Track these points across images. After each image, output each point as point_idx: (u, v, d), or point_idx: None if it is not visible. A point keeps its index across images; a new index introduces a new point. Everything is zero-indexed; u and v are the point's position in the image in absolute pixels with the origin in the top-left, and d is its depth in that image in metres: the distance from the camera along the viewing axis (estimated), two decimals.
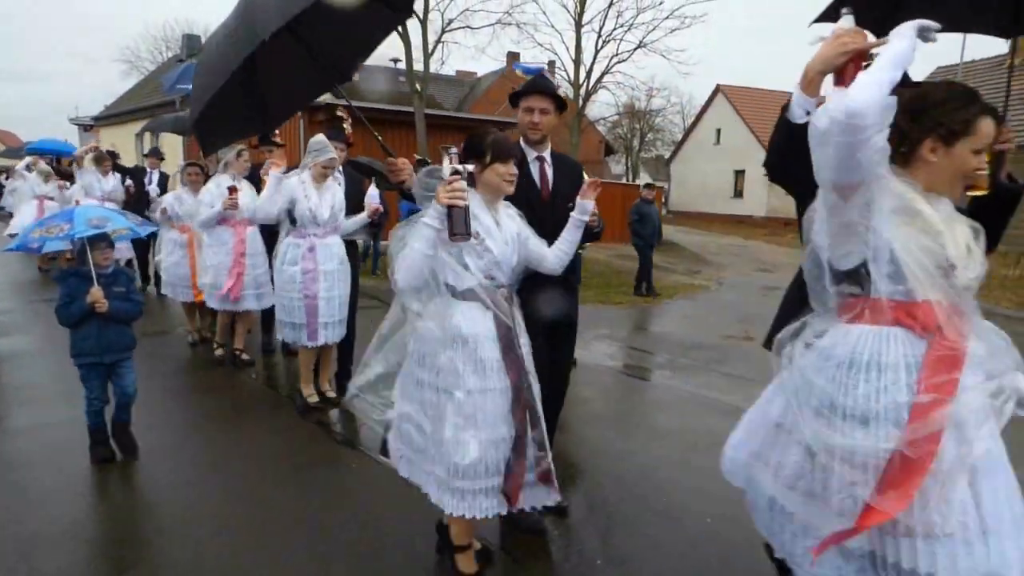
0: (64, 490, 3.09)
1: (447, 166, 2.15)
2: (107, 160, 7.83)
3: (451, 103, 36.57)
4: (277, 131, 5.28)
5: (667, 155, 36.35)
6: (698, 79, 58.15)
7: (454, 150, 2.05)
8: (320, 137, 3.98)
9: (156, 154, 8.84)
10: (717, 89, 32.39)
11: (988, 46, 34.53)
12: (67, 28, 79.26)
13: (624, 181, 29.74)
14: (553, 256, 2.42)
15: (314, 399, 4.28)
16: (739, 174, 30.64)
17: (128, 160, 11.75)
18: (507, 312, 2.22)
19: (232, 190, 4.78)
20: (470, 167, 2.16)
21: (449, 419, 2.14)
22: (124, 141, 23.40)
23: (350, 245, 4.37)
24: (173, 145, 17.12)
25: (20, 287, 8.72)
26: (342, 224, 4.22)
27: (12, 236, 9.44)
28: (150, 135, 21.76)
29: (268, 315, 5.25)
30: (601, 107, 33.18)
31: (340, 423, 4.12)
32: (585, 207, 2.42)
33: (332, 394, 4.38)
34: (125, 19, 71.62)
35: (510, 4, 26.02)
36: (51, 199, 9.17)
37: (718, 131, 32.16)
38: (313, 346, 4.12)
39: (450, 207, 2.00)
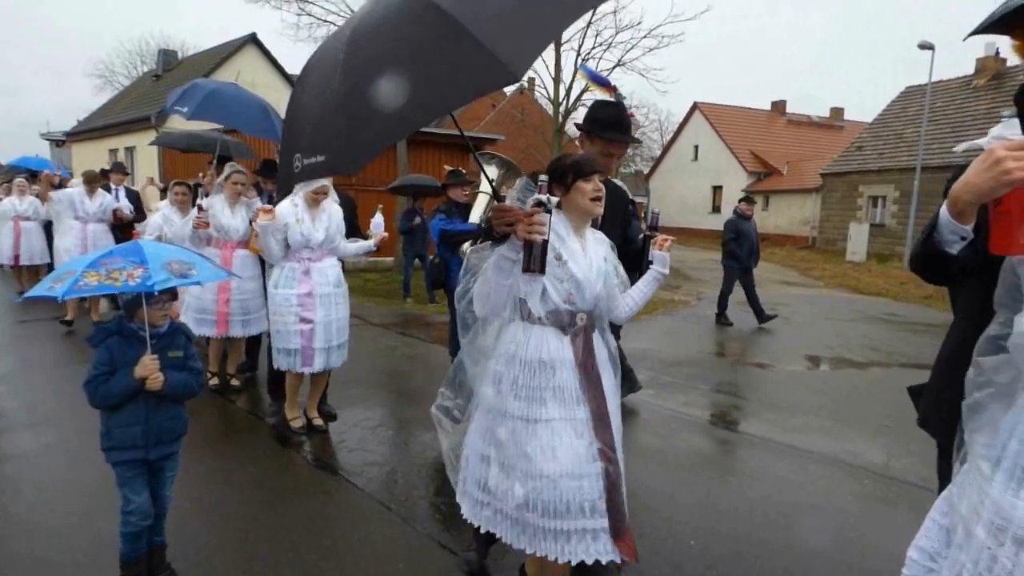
0: (41, 520, 2.98)
1: (528, 195, 2.02)
2: (96, 183, 7.38)
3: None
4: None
5: (646, 171, 36.79)
6: (676, 96, 59.27)
7: (543, 178, 1.95)
8: None
9: (120, 169, 8.44)
10: (694, 106, 32.99)
11: (954, 67, 35.81)
12: (34, 41, 78.05)
13: None
14: (624, 305, 2.26)
15: (298, 423, 4.16)
16: (717, 189, 31.14)
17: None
18: (587, 339, 2.11)
19: (199, 208, 4.57)
20: (555, 199, 2.06)
21: (529, 450, 2.01)
22: (97, 157, 23.02)
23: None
24: (149, 160, 16.89)
25: (8, 306, 8.47)
26: (341, 247, 4.11)
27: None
28: (124, 151, 21.48)
29: (251, 339, 5.16)
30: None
31: (318, 449, 4.04)
32: (664, 260, 2.32)
33: (319, 422, 4.23)
34: (95, 33, 70.79)
35: None
36: (28, 219, 8.84)
37: (696, 147, 32.71)
38: (308, 372, 4.00)
39: (527, 242, 1.88)
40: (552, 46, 18.38)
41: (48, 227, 8.78)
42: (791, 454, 4.21)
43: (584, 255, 2.12)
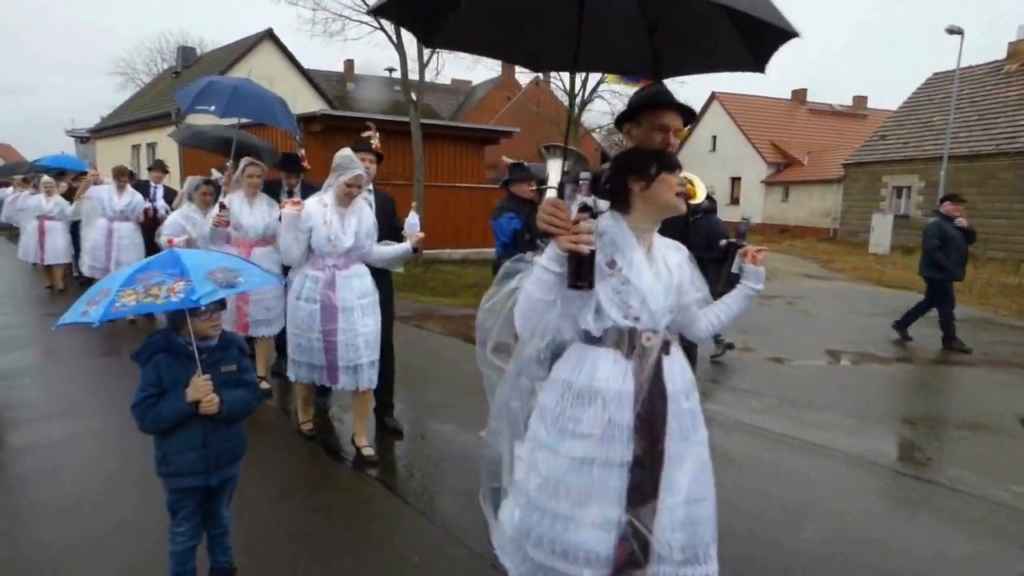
0: (61, 512, 3.03)
1: (572, 199, 1.73)
2: (125, 176, 7.16)
3: (447, 112, 36.70)
4: (303, 151, 5.11)
5: None
6: (693, 86, 58.51)
7: (586, 176, 1.69)
8: (346, 151, 3.49)
9: (161, 167, 8.09)
10: (712, 97, 32.55)
11: (984, 52, 34.88)
12: (56, 39, 79.52)
13: None
14: (705, 322, 1.97)
15: (308, 427, 4.01)
16: (735, 181, 30.73)
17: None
18: (650, 364, 1.77)
19: (221, 207, 4.39)
20: (603, 203, 1.81)
21: (562, 488, 1.76)
22: (120, 153, 23.39)
23: (380, 271, 3.82)
24: (170, 156, 17.09)
25: (25, 301, 8.62)
26: (372, 252, 3.67)
27: (32, 264, 9.25)
28: (146, 147, 21.80)
29: (280, 336, 4.96)
30: (596, 116, 33.26)
31: (334, 443, 4.06)
32: (760, 275, 1.98)
33: (370, 451, 3.70)
34: (116, 30, 71.85)
35: None
36: (52, 219, 8.84)
37: (714, 138, 32.28)
38: (332, 387, 3.70)
39: (572, 253, 1.64)
40: None
41: (74, 227, 8.80)
42: (811, 451, 4.15)
43: (649, 263, 1.81)
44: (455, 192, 14.08)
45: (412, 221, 3.81)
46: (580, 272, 1.66)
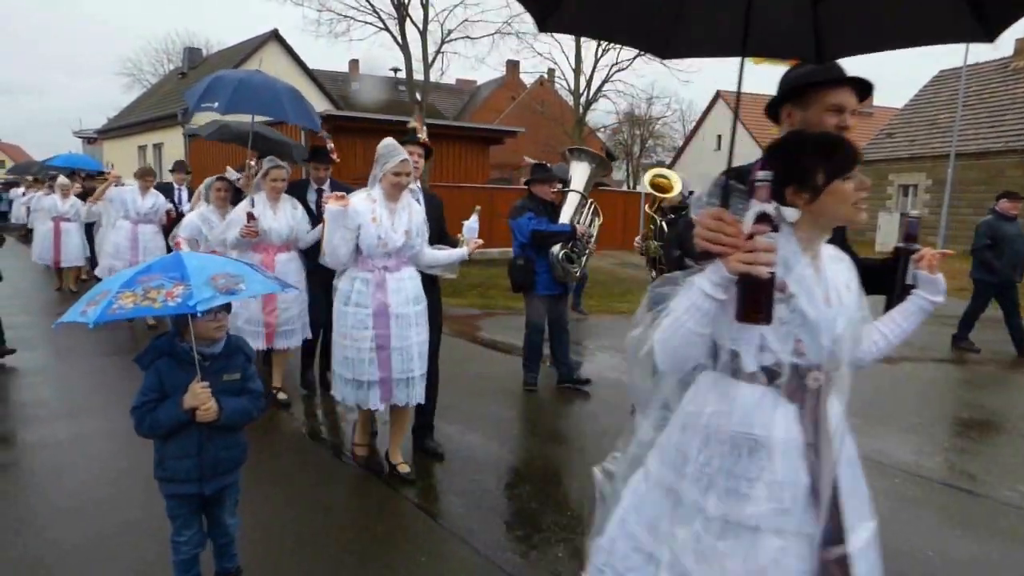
0: (68, 511, 3.05)
1: (751, 205, 1.31)
2: (152, 176, 6.92)
3: (451, 112, 36.71)
4: (332, 144, 4.76)
5: (668, 161, 36.37)
6: (698, 85, 58.33)
7: (765, 176, 1.30)
8: (389, 140, 3.21)
9: (182, 167, 7.82)
10: (717, 95, 32.46)
11: (991, 49, 34.63)
12: (63, 40, 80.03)
13: (625, 188, 29.76)
14: (869, 342, 1.61)
15: (363, 452, 3.61)
16: None
17: (129, 174, 11.50)
18: (821, 408, 1.42)
19: (249, 216, 4.13)
20: (790, 212, 1.40)
21: (730, 567, 1.37)
22: (127, 153, 23.53)
23: (427, 277, 3.50)
24: (177, 155, 17.14)
25: (36, 302, 8.65)
26: (423, 254, 3.36)
27: (44, 265, 9.27)
28: (152, 148, 21.90)
29: (307, 346, 4.73)
30: (601, 115, 33.26)
31: (340, 443, 4.07)
32: (939, 284, 1.62)
33: (405, 468, 3.44)
34: (124, 31, 72.18)
35: (509, 14, 26.16)
36: (68, 220, 8.73)
37: (719, 137, 32.20)
38: (385, 407, 3.34)
39: (745, 277, 1.28)
40: (572, 38, 18.22)
41: (88, 228, 8.77)
42: None
43: (819, 283, 1.42)
44: (460, 192, 14.09)
45: (472, 224, 3.51)
46: (756, 301, 1.29)
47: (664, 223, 4.55)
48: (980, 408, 5.16)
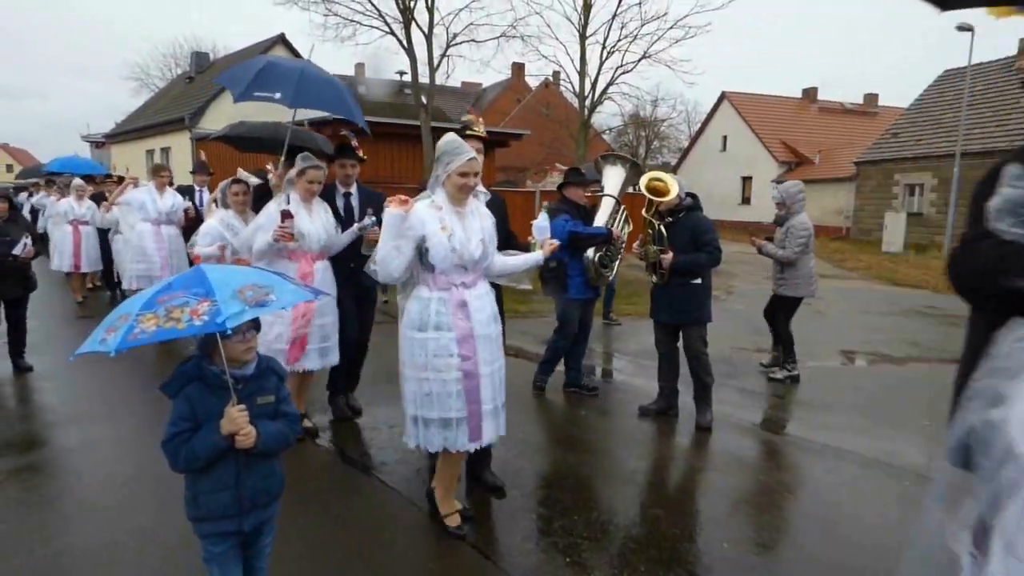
0: (78, 517, 3.07)
1: None
2: (166, 171, 6.57)
3: (457, 115, 36.77)
4: (356, 141, 4.23)
5: (673, 162, 36.33)
6: (703, 86, 58.23)
7: None
8: (450, 135, 2.83)
9: (204, 169, 7.41)
10: (722, 96, 32.40)
11: (995, 48, 34.45)
12: (70, 44, 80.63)
13: (631, 189, 29.69)
14: None
15: (456, 523, 2.96)
16: (746, 180, 30.57)
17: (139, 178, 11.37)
18: None
19: (285, 215, 3.65)
20: None
21: None
22: (135, 158, 23.68)
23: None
24: (184, 160, 17.25)
25: (47, 307, 8.68)
26: (493, 264, 2.92)
27: (65, 273, 8.65)
28: (160, 152, 22.04)
29: (335, 370, 4.25)
30: (607, 117, 33.22)
31: (347, 447, 4.07)
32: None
33: (464, 505, 3.10)
34: (131, 36, 72.69)
35: (514, 17, 26.22)
36: (86, 223, 8.39)
37: (724, 138, 32.14)
38: (474, 448, 2.85)
39: None
40: (577, 39, 18.25)
41: (102, 235, 8.42)
42: (826, 454, 4.12)
43: None
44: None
45: (542, 224, 3.18)
46: None
47: (662, 227, 4.47)
48: None
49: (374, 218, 3.78)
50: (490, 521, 3.11)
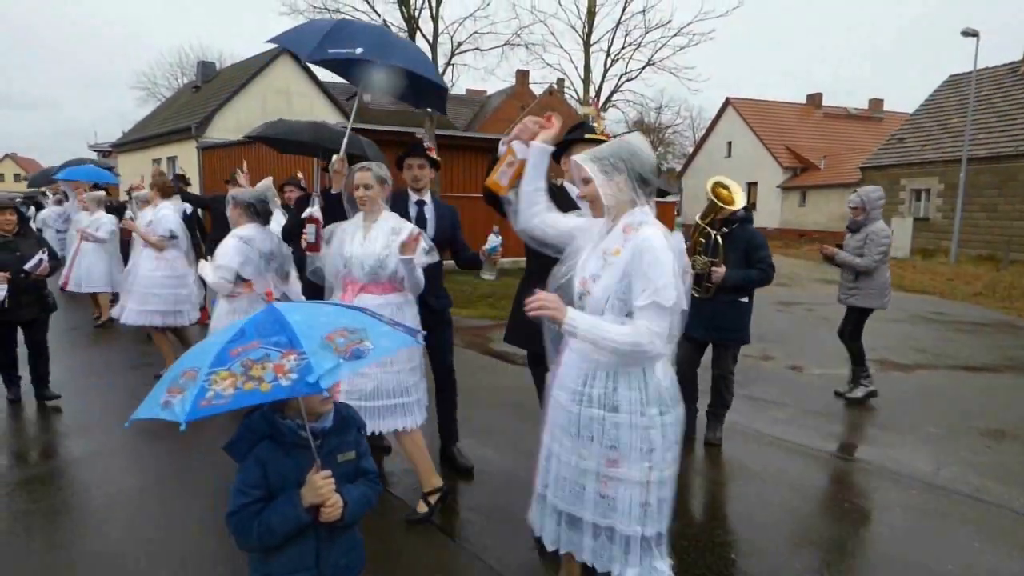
0: (87, 528, 3.09)
1: None
2: (177, 186, 6.28)
3: (461, 122, 36.91)
4: (429, 142, 3.78)
5: (678, 168, 36.34)
6: (708, 92, 58.39)
7: None
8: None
9: (232, 181, 6.36)
10: (727, 102, 32.44)
11: (1000, 53, 34.43)
12: (73, 54, 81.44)
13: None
14: None
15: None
16: (751, 186, 30.53)
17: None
18: None
19: (308, 220, 3.31)
20: None
21: None
22: (142, 167, 23.85)
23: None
24: (190, 169, 17.36)
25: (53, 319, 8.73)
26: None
27: (71, 293, 7.50)
28: (166, 160, 22.20)
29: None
30: (611, 124, 33.26)
31: None
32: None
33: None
34: (139, 47, 73.29)
35: (518, 26, 26.35)
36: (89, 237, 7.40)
37: (729, 144, 32.16)
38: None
39: None
40: (581, 47, 18.33)
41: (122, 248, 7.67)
42: (833, 462, 4.09)
43: None
44: (470, 202, 14.12)
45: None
46: None
47: (718, 237, 4.09)
48: (997, 417, 5.09)
49: (500, 237, 3.25)
50: (498, 531, 3.11)
